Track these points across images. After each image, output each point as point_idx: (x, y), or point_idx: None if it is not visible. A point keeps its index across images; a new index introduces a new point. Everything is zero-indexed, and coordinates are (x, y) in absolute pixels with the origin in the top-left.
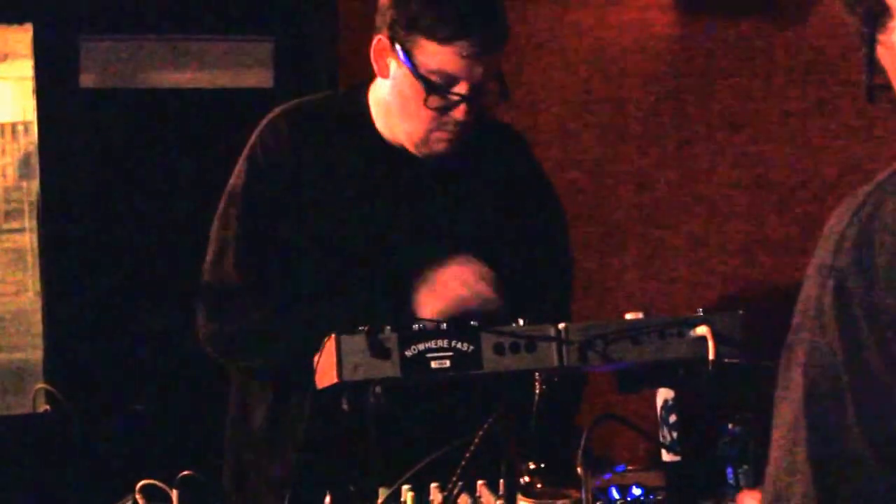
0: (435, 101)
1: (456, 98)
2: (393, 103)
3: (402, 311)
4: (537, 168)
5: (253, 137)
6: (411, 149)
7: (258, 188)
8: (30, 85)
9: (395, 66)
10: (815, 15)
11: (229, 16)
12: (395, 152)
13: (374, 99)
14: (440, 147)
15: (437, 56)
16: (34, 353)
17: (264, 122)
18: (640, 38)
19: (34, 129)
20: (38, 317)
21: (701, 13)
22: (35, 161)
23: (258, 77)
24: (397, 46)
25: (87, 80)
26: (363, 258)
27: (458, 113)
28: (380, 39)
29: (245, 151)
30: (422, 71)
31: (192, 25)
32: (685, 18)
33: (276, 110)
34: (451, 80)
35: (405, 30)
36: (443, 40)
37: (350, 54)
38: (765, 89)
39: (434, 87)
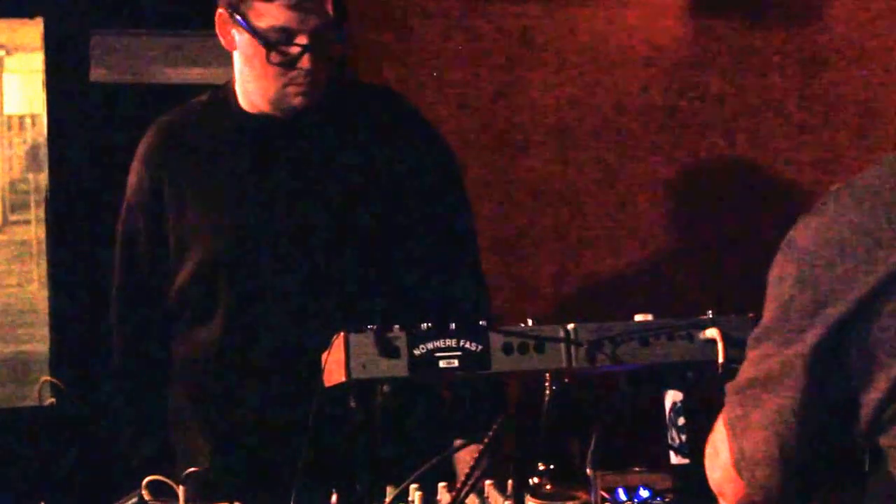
0: (277, 56)
1: (297, 49)
2: (244, 71)
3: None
4: (421, 127)
5: None
6: (271, 110)
7: (136, 199)
8: (39, 78)
9: (238, 34)
10: (820, 19)
11: None
12: (263, 126)
13: (237, 80)
14: (297, 101)
15: (267, 14)
16: (40, 346)
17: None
18: (642, 39)
19: (42, 121)
20: (44, 309)
21: (705, 15)
22: (43, 154)
23: None
24: (235, 15)
25: (96, 74)
26: (248, 247)
27: (304, 62)
28: (220, 13)
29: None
30: (259, 31)
31: (202, 21)
32: (689, 17)
33: (156, 124)
34: (289, 33)
35: None
36: None
37: (353, 50)
38: (768, 89)
39: (272, 43)
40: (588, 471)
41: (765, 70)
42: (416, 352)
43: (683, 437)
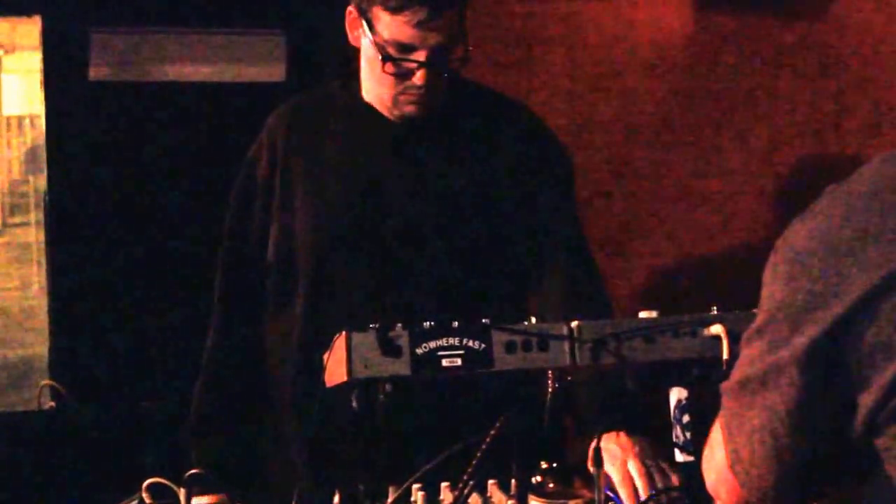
0: (391, 67)
1: (412, 65)
2: (365, 70)
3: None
4: (540, 138)
5: None
6: (385, 113)
7: (246, 181)
8: (38, 77)
9: (362, 35)
10: (828, 12)
11: (240, 9)
12: (378, 121)
13: (361, 73)
14: (409, 109)
15: (390, 26)
16: (39, 349)
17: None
18: (651, 34)
19: (41, 122)
20: (44, 312)
21: (714, 8)
22: (42, 155)
23: (270, 71)
24: (361, 18)
25: (96, 72)
26: (357, 238)
27: (417, 79)
28: (350, 10)
29: None
30: (378, 40)
31: (202, 18)
32: (697, 14)
33: (283, 105)
34: (407, 48)
35: (367, 0)
36: (392, 9)
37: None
38: (778, 86)
39: (388, 55)
40: (591, 469)
41: (775, 66)
42: (419, 351)
43: (688, 435)
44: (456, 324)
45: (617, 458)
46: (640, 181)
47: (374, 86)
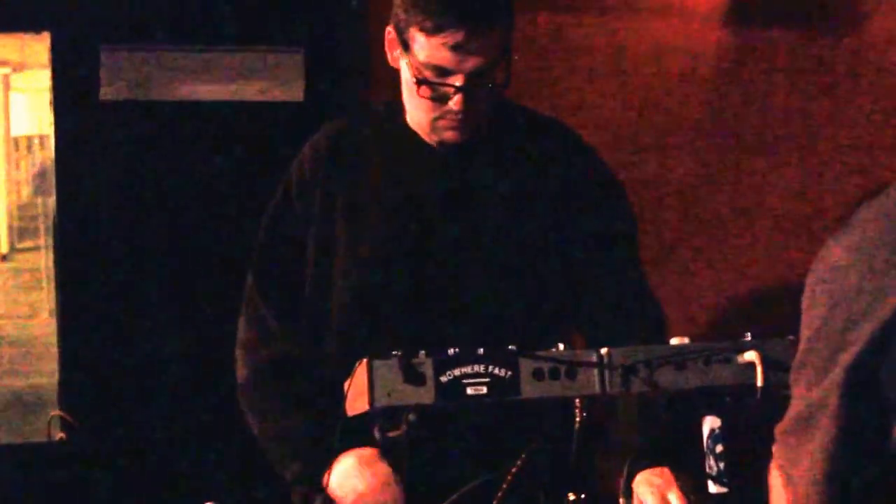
0: (426, 91)
1: (449, 90)
2: (404, 93)
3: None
4: (592, 168)
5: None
6: (425, 138)
7: (285, 211)
8: (47, 96)
9: (400, 56)
10: (871, 24)
11: (258, 27)
12: (420, 146)
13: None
14: (447, 135)
15: (426, 48)
16: (49, 379)
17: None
18: (690, 49)
19: (51, 142)
20: (53, 340)
21: (753, 23)
22: (51, 176)
23: (288, 90)
24: (399, 39)
25: (107, 91)
26: (401, 266)
27: (456, 104)
28: (389, 30)
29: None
30: (414, 62)
31: (217, 36)
32: (737, 28)
33: (326, 126)
34: (443, 71)
35: (404, 21)
36: (428, 31)
37: (382, 66)
38: (819, 101)
39: (424, 79)
40: (621, 500)
41: (818, 85)
42: (443, 378)
43: (722, 465)
44: (482, 350)
45: (656, 489)
46: (679, 200)
47: (413, 110)
